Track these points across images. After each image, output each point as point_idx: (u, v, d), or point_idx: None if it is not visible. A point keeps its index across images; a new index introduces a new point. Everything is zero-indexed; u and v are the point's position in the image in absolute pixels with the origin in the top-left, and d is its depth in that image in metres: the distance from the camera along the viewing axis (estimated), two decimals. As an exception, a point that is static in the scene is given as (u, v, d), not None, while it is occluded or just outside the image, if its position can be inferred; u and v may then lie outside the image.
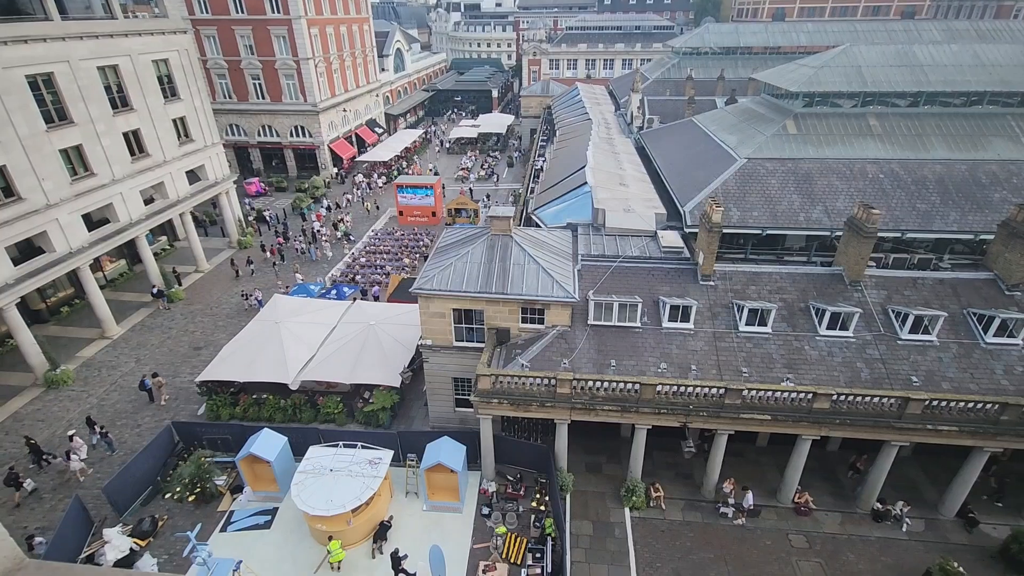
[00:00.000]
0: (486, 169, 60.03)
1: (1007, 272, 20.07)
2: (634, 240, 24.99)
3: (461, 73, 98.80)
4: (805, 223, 24.78)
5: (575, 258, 23.14)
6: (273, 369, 23.85)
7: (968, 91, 27.98)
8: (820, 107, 28.94)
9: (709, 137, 31.97)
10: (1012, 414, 16.62)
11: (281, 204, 50.28)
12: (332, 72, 57.02)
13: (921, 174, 25.62)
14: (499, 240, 22.48)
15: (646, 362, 19.53)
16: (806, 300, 20.50)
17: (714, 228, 20.50)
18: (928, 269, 22.32)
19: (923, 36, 48.45)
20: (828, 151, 27.10)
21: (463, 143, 69.50)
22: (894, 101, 28.75)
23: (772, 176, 26.31)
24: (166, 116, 34.30)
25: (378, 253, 39.91)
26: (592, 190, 28.93)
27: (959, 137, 26.89)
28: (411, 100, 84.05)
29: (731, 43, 58.40)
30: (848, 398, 17.38)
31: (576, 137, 42.86)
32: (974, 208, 24.10)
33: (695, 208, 25.26)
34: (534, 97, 70.88)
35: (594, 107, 53.06)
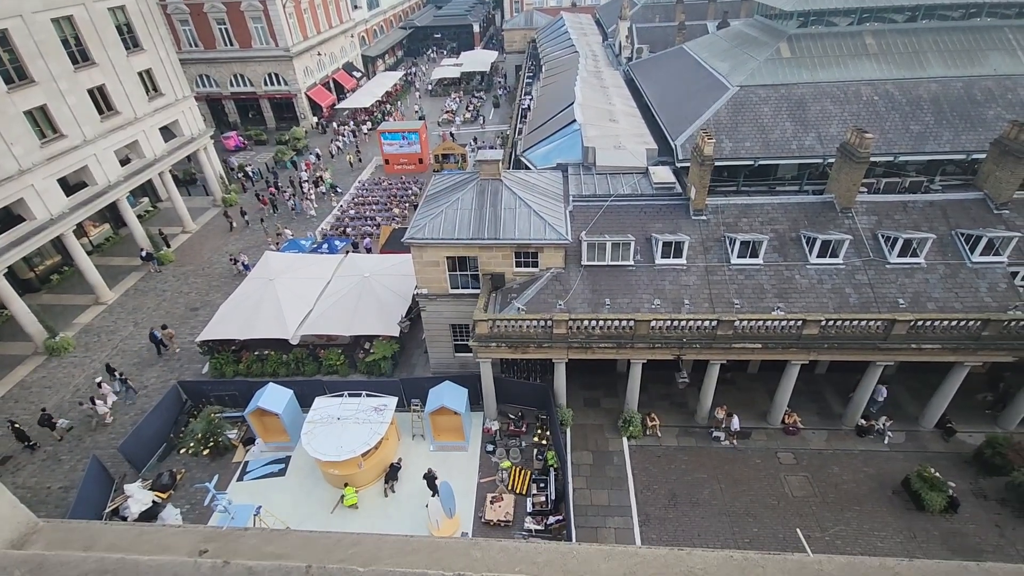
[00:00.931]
0: (471, 111, 58.03)
1: (996, 191, 20.10)
2: (625, 178, 24.67)
3: (439, 7, 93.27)
4: (798, 151, 24.44)
5: (566, 199, 22.91)
6: (272, 325, 24.08)
7: (966, 2, 26.85)
8: (815, 27, 27.79)
9: (700, 65, 30.84)
10: (993, 329, 17.20)
11: (262, 158, 48.82)
12: (302, 12, 53.71)
13: (916, 94, 25.02)
14: (489, 185, 22.13)
15: (640, 299, 19.83)
16: (797, 230, 20.58)
17: (706, 162, 20.21)
18: (919, 192, 22.30)
19: (925, -57, 45.71)
20: (822, 74, 26.28)
21: (446, 84, 66.75)
22: (892, 16, 27.61)
23: (765, 104, 25.65)
24: (131, 69, 32.55)
25: (367, 204, 39.29)
26: (581, 128, 28.19)
27: (956, 53, 26.06)
28: (388, 40, 79.80)
29: (723, -40, 54.91)
30: (836, 323, 17.86)
31: (563, 72, 41.21)
32: (968, 127, 23.75)
33: (687, 142, 24.77)
34: (517, 31, 67.52)
35: (581, 38, 50.65)
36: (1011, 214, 19.98)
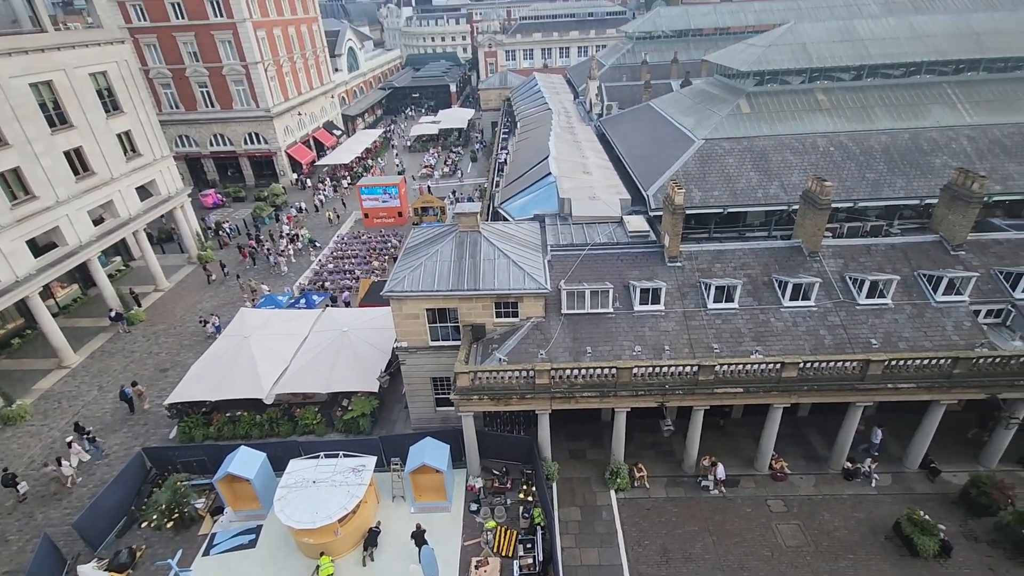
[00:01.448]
0: (450, 165, 59.59)
1: (951, 233, 21.12)
2: (601, 227, 25.29)
3: (417, 69, 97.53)
4: (763, 199, 25.50)
5: (544, 249, 23.25)
6: (246, 385, 23.28)
7: (907, 62, 29.17)
8: (771, 85, 29.72)
9: (667, 120, 32.48)
10: (963, 367, 17.58)
11: (241, 214, 48.85)
12: (283, 75, 55.51)
13: (868, 145, 26.64)
14: (467, 236, 22.39)
15: (621, 346, 19.85)
16: (769, 274, 21.15)
17: (677, 210, 20.90)
18: (880, 235, 23.29)
19: (862, 11, 50.05)
20: (781, 127, 27.89)
21: (424, 140, 68.77)
22: (839, 75, 29.74)
23: (729, 155, 26.94)
24: (110, 131, 32.80)
25: (346, 258, 39.26)
26: (556, 180, 29.09)
27: (901, 107, 28.04)
28: (368, 99, 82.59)
29: (682, 26, 59.29)
30: (814, 365, 18.07)
31: (537, 128, 42.93)
32: (918, 175, 25.22)
33: (658, 191, 25.68)
34: (493, 90, 70.64)
35: (553, 96, 53.18)
36: (967, 255, 20.92)
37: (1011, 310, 20.04)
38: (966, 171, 20.42)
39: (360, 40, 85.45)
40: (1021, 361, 17.52)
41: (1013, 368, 17.62)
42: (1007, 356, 17.55)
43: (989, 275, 20.42)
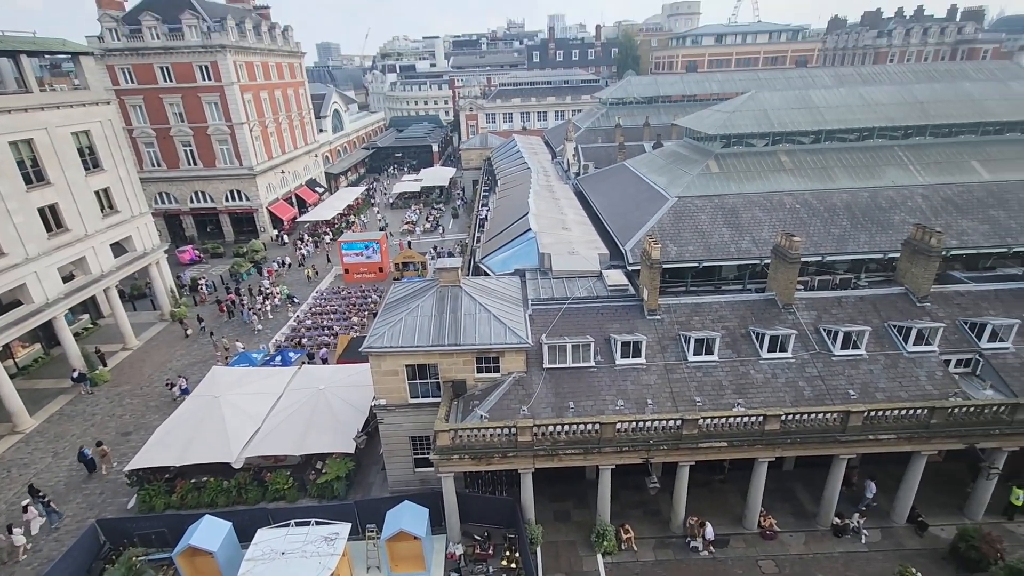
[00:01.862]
0: (431, 221, 60.54)
1: (916, 285, 22.00)
2: (581, 281, 25.63)
3: (400, 130, 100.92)
4: (736, 253, 26.34)
5: (525, 303, 23.37)
6: (214, 448, 22.13)
7: (859, 128, 31.37)
8: (736, 147, 31.48)
9: (641, 179, 33.88)
10: (939, 417, 17.80)
11: (218, 271, 48.29)
12: (268, 135, 56.77)
13: (831, 202, 28.08)
14: (448, 291, 22.43)
15: (603, 401, 19.64)
16: (746, 326, 21.51)
17: (654, 264, 21.41)
18: (849, 288, 24.10)
19: (816, 82, 54.07)
20: (748, 186, 29.29)
21: (407, 197, 70.10)
22: (799, 139, 31.74)
23: (702, 212, 28.03)
24: (87, 188, 32.70)
25: (325, 314, 38.75)
26: (536, 235, 29.70)
27: (858, 168, 29.86)
28: (351, 159, 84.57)
29: (652, 93, 63.10)
30: (795, 417, 18.08)
31: (517, 186, 44.26)
32: (880, 230, 26.52)
33: (635, 247, 26.36)
34: (473, 150, 73.13)
35: (532, 156, 55.26)
36: (932, 306, 21.72)
37: (979, 359, 20.61)
38: (923, 227, 21.57)
39: (345, 103, 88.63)
40: (994, 410, 17.84)
41: (987, 417, 17.90)
42: (980, 405, 17.87)
43: (955, 325, 21.13)
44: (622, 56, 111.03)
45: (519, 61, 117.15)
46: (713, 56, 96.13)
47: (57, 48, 32.84)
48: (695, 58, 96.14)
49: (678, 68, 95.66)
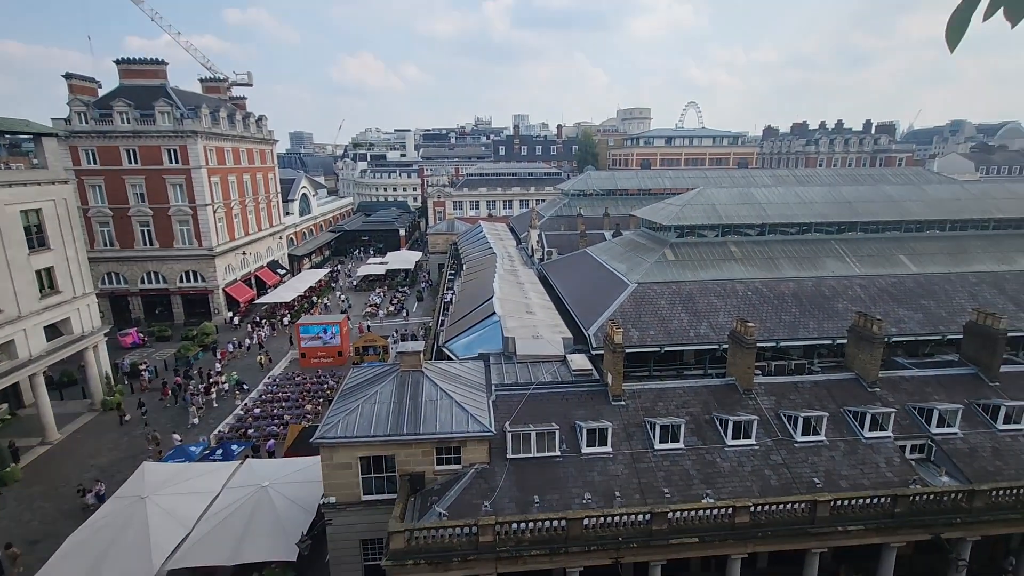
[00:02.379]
0: (395, 304, 60.06)
1: (864, 371, 22.81)
2: (545, 366, 25.40)
3: (368, 215, 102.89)
4: (695, 339, 26.93)
5: (489, 389, 22.78)
6: (131, 561, 19.41)
7: (798, 222, 34.02)
8: (690, 237, 33.36)
9: (602, 265, 35.07)
10: (903, 506, 17.69)
11: (163, 355, 45.56)
12: (232, 217, 56.65)
13: (780, 290, 29.60)
14: (409, 376, 21.71)
15: (570, 494, 18.68)
16: (710, 412, 21.47)
17: (617, 349, 21.53)
18: (804, 373, 24.74)
19: (757, 181, 59.33)
20: (703, 274, 30.70)
21: (371, 280, 69.88)
22: (746, 231, 34.02)
23: (661, 298, 28.92)
24: (29, 267, 31.13)
25: (276, 401, 36.57)
26: (501, 319, 29.71)
27: (801, 259, 31.95)
28: (317, 241, 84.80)
29: (610, 186, 67.42)
30: (765, 508, 17.59)
31: (482, 270, 44.97)
32: (826, 317, 27.88)
33: (598, 331, 26.62)
34: (440, 235, 74.83)
35: (497, 242, 56.86)
36: (882, 391, 22.41)
37: (931, 445, 21.03)
38: (865, 315, 22.83)
39: (314, 188, 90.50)
40: (953, 497, 17.91)
41: (947, 505, 17.92)
42: (939, 492, 17.94)
43: (905, 411, 21.73)
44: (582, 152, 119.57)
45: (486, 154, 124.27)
46: (664, 155, 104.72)
47: (20, 128, 32.68)
48: (648, 156, 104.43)
49: (633, 165, 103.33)
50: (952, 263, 31.66)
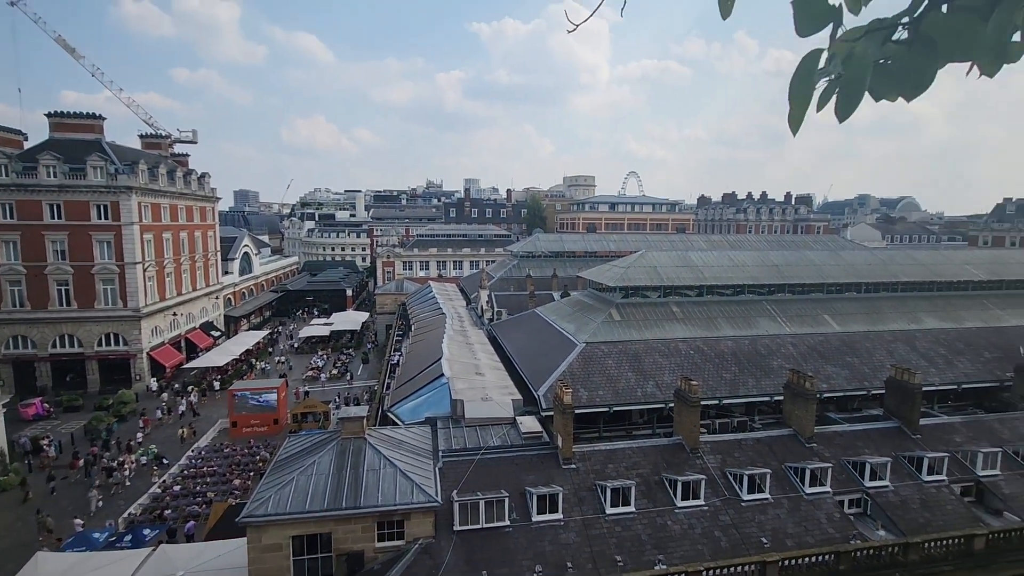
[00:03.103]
0: (339, 367, 57.62)
1: (801, 427, 23.70)
2: (495, 429, 24.76)
3: (314, 274, 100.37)
4: (643, 397, 27.27)
5: (436, 455, 21.82)
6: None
7: (732, 284, 36.15)
8: (634, 298, 34.57)
9: (551, 325, 35.46)
10: (846, 563, 17.94)
11: (71, 427, 40.96)
12: (164, 276, 53.71)
13: (719, 349, 30.82)
14: (351, 444, 20.53)
15: (520, 567, 17.71)
16: (659, 472, 21.40)
17: (567, 410, 21.39)
18: (746, 430, 25.39)
19: (694, 245, 63.32)
20: (647, 333, 31.61)
21: (314, 342, 67.11)
22: (686, 292, 35.69)
23: (608, 357, 29.36)
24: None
25: (199, 477, 33.31)
26: (449, 381, 29.03)
27: (737, 319, 33.67)
28: (257, 301, 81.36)
29: (558, 248, 69.68)
30: (716, 571, 17.32)
31: (431, 331, 44.30)
32: (763, 375, 29.13)
33: (548, 391, 26.47)
34: (389, 295, 73.78)
35: (447, 302, 56.57)
36: (818, 447, 23.26)
37: (867, 499, 21.75)
38: (798, 372, 24.04)
39: (257, 246, 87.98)
40: (890, 551, 18.38)
41: (885, 560, 18.34)
42: (877, 547, 18.38)
43: (840, 465, 22.54)
44: (530, 216, 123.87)
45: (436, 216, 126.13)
46: (608, 220, 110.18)
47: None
48: (594, 221, 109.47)
49: (579, 228, 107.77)
50: (869, 322, 34.32)
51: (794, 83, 1.36)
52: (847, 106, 1.35)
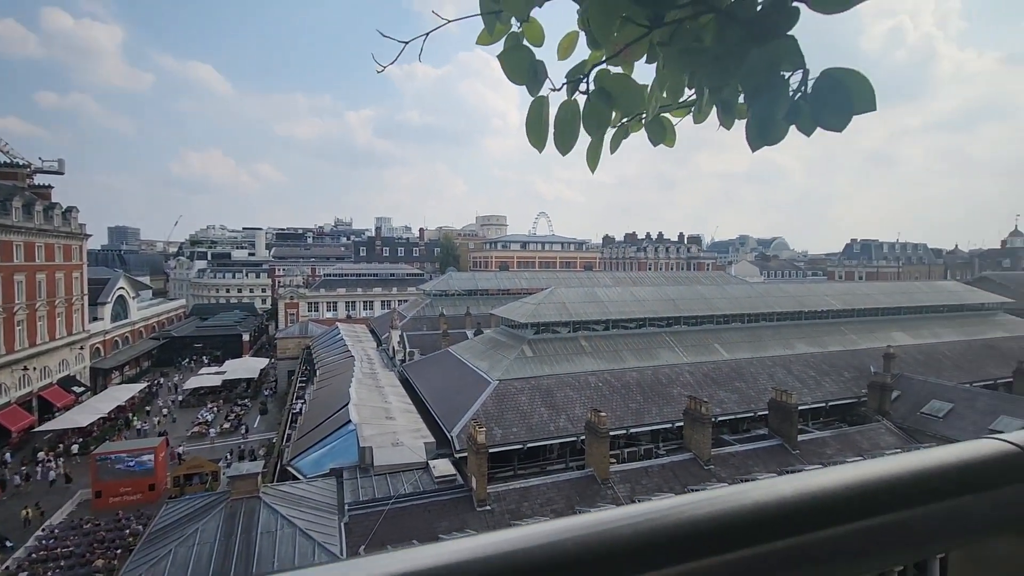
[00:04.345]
0: (232, 420, 52.32)
1: (699, 450, 25.22)
2: (406, 475, 23.66)
3: (204, 318, 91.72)
4: (555, 432, 27.60)
5: (341, 510, 20.30)
6: None
7: (635, 318, 38.37)
8: (545, 334, 35.41)
9: (464, 364, 35.12)
10: None
11: None
12: (14, 324, 46.27)
13: (625, 380, 32.26)
14: (242, 505, 18.55)
15: (434, 624, 16.67)
16: (572, 506, 21.52)
17: (481, 449, 21.03)
18: (652, 457, 26.51)
19: (599, 282, 66.67)
20: (559, 368, 32.36)
21: (202, 393, 60.60)
22: (593, 327, 37.23)
23: (521, 393, 29.53)
24: None
25: (51, 560, 28.05)
26: (357, 427, 27.47)
27: (640, 351, 35.62)
28: (133, 351, 72.41)
29: (471, 287, 69.96)
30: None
31: (338, 375, 41.96)
32: (665, 403, 30.83)
33: (461, 432, 25.91)
34: (291, 339, 69.15)
35: (356, 344, 54.12)
36: (716, 468, 24.82)
37: (761, 513, 23.41)
38: (695, 398, 25.74)
39: (135, 289, 78.88)
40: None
41: (781, 570, 19.67)
42: (773, 558, 19.69)
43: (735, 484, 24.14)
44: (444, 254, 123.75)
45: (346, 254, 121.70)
46: (520, 258, 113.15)
47: None
48: (506, 259, 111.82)
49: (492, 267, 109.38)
50: (752, 350, 37.89)
51: (527, 125, 1.60)
52: (564, 143, 1.63)
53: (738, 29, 1.37)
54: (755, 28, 1.35)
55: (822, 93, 1.34)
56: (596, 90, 1.55)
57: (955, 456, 0.73)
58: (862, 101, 1.31)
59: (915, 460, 0.71)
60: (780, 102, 1.38)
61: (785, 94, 1.38)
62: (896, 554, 0.68)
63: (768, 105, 1.41)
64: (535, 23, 1.65)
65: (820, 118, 1.36)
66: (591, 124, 1.57)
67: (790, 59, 1.36)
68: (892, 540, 0.64)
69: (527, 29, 1.66)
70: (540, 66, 1.58)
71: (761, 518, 0.64)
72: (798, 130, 1.39)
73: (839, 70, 1.31)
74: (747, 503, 0.66)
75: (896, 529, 0.65)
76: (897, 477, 0.69)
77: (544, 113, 1.57)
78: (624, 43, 1.54)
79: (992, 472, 0.72)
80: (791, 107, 1.38)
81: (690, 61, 1.51)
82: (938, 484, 0.69)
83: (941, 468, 0.71)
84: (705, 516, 0.62)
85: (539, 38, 1.68)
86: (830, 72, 1.32)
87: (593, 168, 1.69)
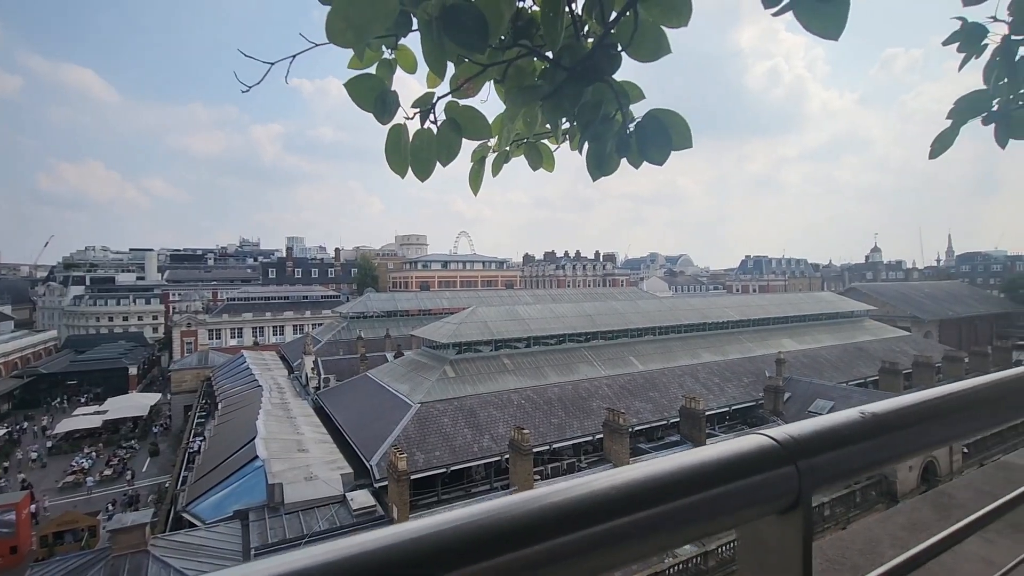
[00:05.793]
0: (115, 466, 46.33)
1: (618, 460, 26.12)
2: (322, 511, 22.21)
3: (80, 351, 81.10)
4: (480, 452, 27.28)
5: (247, 556, 18.50)
6: None
7: (555, 335, 39.26)
8: (467, 353, 35.15)
9: (384, 388, 33.88)
10: (667, 580, 19.77)
11: None
12: None
13: (548, 396, 32.76)
14: (126, 563, 16.40)
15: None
16: (499, 528, 21.26)
17: (402, 477, 20.30)
18: (574, 471, 26.99)
19: (520, 300, 67.60)
20: (481, 387, 32.18)
21: (78, 437, 53.18)
22: (515, 345, 37.58)
23: (444, 415, 28.96)
24: None
25: None
26: (265, 463, 25.41)
27: (560, 366, 36.42)
28: (-10, 391, 62.21)
29: (391, 308, 68.03)
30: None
31: (244, 407, 38.74)
32: (585, 416, 31.64)
33: (381, 460, 24.82)
34: (188, 370, 63.06)
35: (264, 373, 50.45)
36: (636, 475, 25.74)
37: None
38: (613, 410, 26.69)
39: (-6, 320, 68.20)
40: (694, 561, 20.81)
41: (692, 570, 20.68)
42: (684, 559, 20.66)
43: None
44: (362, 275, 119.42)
45: (253, 276, 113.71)
46: (441, 278, 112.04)
47: None
48: (427, 279, 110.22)
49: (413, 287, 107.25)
50: (664, 360, 40.13)
51: (386, 152, 1.65)
52: (421, 169, 1.69)
53: (560, 71, 1.49)
54: (578, 71, 1.48)
55: (646, 131, 1.49)
56: (446, 120, 1.62)
57: (732, 450, 0.90)
58: (680, 138, 1.48)
59: (704, 454, 0.88)
60: (607, 137, 1.52)
61: (611, 130, 1.52)
62: (683, 533, 0.81)
63: (598, 139, 1.54)
64: (406, 50, 1.68)
65: (645, 152, 1.51)
66: (443, 152, 1.62)
67: (610, 100, 1.50)
68: (680, 521, 0.79)
69: (399, 56, 1.68)
70: (391, 96, 1.61)
71: (579, 509, 0.73)
72: (628, 163, 1.53)
73: (661, 111, 1.47)
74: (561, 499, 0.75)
75: (685, 511, 0.79)
76: (684, 469, 0.83)
77: (403, 140, 1.61)
78: (464, 78, 1.63)
79: (756, 461, 0.89)
80: (621, 142, 1.52)
81: (524, 98, 1.63)
82: (715, 473, 0.85)
83: (718, 461, 0.87)
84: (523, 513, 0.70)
85: (411, 65, 1.71)
86: (654, 112, 1.49)
87: (475, 191, 1.72)
